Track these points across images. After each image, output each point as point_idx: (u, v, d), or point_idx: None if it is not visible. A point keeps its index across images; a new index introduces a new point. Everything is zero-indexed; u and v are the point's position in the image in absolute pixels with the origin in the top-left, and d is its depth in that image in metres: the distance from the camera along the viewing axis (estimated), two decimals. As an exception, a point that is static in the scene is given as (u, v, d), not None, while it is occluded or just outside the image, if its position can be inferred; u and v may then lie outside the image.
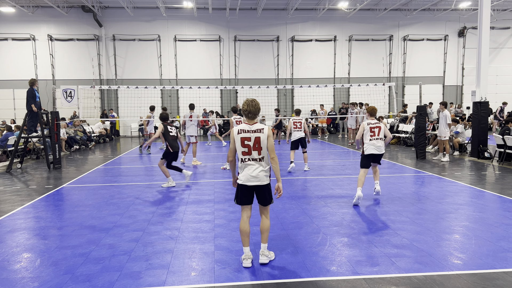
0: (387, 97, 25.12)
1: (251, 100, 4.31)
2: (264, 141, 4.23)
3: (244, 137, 4.24)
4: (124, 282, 3.96)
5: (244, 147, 4.25)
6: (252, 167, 4.27)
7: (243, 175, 4.30)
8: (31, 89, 11.52)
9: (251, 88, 17.75)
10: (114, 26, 24.54)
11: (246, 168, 4.30)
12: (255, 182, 4.26)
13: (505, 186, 8.23)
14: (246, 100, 4.33)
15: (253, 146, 4.23)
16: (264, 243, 4.39)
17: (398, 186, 8.34)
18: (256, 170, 4.26)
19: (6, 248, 4.97)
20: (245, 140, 4.23)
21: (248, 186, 4.29)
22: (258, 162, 4.27)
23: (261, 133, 4.23)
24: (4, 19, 23.72)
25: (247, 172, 4.28)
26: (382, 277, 3.99)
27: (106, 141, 21.01)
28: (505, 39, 26.88)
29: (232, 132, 4.32)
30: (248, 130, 4.24)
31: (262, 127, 4.28)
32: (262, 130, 4.25)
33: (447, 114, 11.92)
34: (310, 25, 25.76)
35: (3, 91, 24.08)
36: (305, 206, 6.79)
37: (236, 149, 4.31)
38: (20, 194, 8.15)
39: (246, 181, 4.28)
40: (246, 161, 4.28)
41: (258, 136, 4.23)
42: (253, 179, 4.26)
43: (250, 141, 4.22)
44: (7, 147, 12.99)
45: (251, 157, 4.26)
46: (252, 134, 4.23)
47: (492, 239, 5.04)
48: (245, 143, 4.24)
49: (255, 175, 4.26)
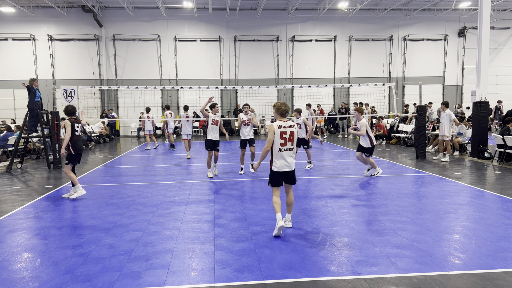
0: (387, 97, 25.13)
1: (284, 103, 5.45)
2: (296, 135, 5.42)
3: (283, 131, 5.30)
4: (124, 282, 3.96)
5: (282, 139, 5.29)
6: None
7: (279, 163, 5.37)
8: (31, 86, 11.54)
9: (251, 88, 17.76)
10: (114, 26, 24.55)
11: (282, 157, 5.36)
12: (288, 169, 5.38)
13: (505, 186, 8.23)
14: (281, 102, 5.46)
15: (289, 139, 5.33)
16: (289, 213, 5.62)
17: (398, 186, 8.34)
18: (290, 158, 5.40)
19: (6, 248, 4.98)
20: (283, 134, 5.31)
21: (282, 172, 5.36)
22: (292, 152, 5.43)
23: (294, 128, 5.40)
24: (4, 19, 23.73)
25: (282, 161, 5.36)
26: (382, 277, 3.99)
27: (106, 141, 21.01)
28: (505, 39, 26.88)
29: (271, 127, 5.30)
30: (284, 126, 5.32)
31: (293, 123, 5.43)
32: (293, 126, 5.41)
33: (450, 113, 11.93)
34: (310, 25, 25.76)
35: (3, 91, 24.09)
36: (305, 206, 6.79)
37: (274, 141, 5.29)
38: (20, 194, 8.15)
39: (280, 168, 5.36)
40: (282, 151, 5.35)
41: (293, 131, 5.37)
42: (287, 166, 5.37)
43: (286, 135, 5.30)
44: (7, 147, 13.00)
45: (286, 147, 5.33)
46: (288, 129, 5.32)
47: (492, 239, 5.04)
48: (283, 136, 5.30)
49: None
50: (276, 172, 5.37)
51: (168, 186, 8.70)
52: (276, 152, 5.31)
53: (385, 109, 25.27)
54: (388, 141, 17.88)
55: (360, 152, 9.46)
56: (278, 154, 5.31)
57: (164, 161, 13.09)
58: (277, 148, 5.29)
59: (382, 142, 17.83)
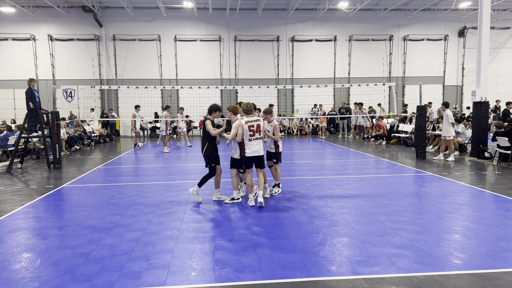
0: (387, 97, 25.13)
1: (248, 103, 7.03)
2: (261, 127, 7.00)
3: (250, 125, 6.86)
4: (124, 282, 3.96)
5: (250, 131, 6.82)
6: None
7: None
8: (30, 89, 11.52)
9: (251, 88, 17.75)
10: (114, 26, 24.55)
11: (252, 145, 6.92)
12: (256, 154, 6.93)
13: (505, 186, 8.23)
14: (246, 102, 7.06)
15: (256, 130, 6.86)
16: (261, 190, 6.90)
17: (398, 186, 8.34)
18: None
19: (7, 248, 4.98)
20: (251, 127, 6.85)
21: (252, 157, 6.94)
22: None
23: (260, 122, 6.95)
24: (4, 19, 23.73)
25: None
26: (382, 277, 3.99)
27: (106, 141, 21.01)
28: (505, 39, 26.88)
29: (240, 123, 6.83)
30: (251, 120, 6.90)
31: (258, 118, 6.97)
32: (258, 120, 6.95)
33: (449, 114, 11.94)
34: (310, 25, 25.76)
35: (3, 91, 24.09)
36: (305, 206, 6.80)
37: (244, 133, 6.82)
38: (20, 194, 8.15)
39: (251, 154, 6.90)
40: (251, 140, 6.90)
41: (258, 124, 6.94)
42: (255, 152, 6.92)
43: (253, 127, 6.85)
44: (7, 147, 13.00)
45: (255, 137, 6.87)
46: (254, 123, 6.88)
47: (492, 239, 5.04)
48: (250, 129, 6.83)
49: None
50: (248, 157, 6.88)
51: (168, 186, 8.70)
52: (247, 141, 6.82)
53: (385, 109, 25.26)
54: (388, 141, 17.88)
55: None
56: (248, 143, 6.84)
57: (164, 161, 13.09)
58: (247, 139, 6.81)
59: (382, 142, 17.83)
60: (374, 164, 11.74)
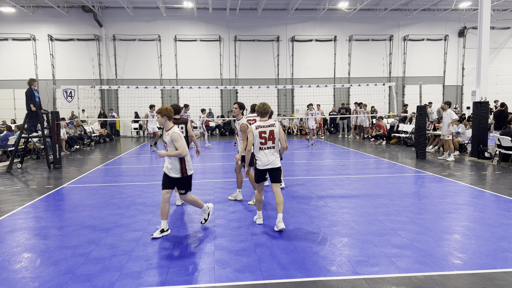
0: (387, 97, 25.13)
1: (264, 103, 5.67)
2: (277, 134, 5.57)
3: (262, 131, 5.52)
4: (124, 282, 3.96)
5: (261, 139, 5.50)
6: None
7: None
8: (30, 89, 11.53)
9: (251, 88, 17.76)
10: (114, 26, 24.55)
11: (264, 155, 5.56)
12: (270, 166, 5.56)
13: (505, 186, 8.22)
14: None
15: (268, 138, 5.51)
16: (280, 213, 5.53)
17: (398, 186, 8.34)
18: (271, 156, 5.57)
19: (7, 248, 4.98)
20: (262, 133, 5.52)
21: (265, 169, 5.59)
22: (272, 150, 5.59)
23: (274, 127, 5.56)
24: (4, 19, 23.72)
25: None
26: (382, 277, 3.99)
27: (106, 141, 21.01)
28: (505, 39, 26.88)
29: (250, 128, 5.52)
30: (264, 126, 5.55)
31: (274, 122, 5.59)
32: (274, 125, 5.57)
33: (451, 113, 11.96)
34: (310, 25, 25.75)
35: (3, 91, 24.09)
36: (305, 206, 6.79)
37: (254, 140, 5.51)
38: (20, 194, 8.15)
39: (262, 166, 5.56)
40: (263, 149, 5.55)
41: (272, 130, 5.55)
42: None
43: (266, 134, 5.51)
44: (7, 147, 13.00)
45: (267, 146, 5.53)
46: (267, 128, 5.53)
47: (492, 239, 5.04)
48: (262, 136, 5.51)
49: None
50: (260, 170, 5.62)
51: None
52: (257, 150, 5.57)
53: (385, 109, 25.26)
54: (388, 141, 17.88)
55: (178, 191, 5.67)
56: (258, 153, 5.57)
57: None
58: (257, 147, 5.55)
59: (382, 142, 17.83)
60: (374, 164, 11.74)
